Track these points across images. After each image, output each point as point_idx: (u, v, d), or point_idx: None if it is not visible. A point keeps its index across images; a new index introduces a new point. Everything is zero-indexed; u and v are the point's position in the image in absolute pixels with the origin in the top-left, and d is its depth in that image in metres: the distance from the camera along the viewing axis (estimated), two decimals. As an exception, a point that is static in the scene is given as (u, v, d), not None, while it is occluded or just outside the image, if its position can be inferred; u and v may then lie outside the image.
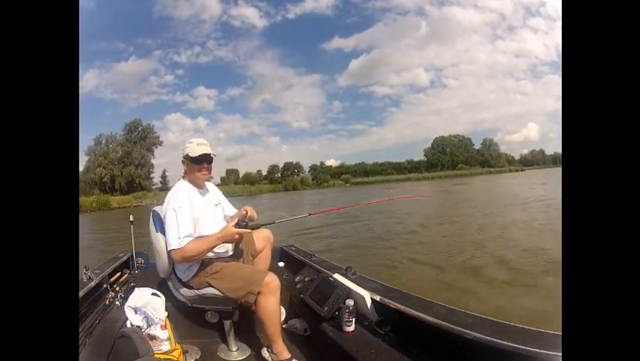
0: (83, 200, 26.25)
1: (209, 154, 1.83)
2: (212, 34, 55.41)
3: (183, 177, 1.89)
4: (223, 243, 1.78)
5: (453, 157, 55.74)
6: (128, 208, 25.38)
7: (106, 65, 51.08)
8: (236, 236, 1.74)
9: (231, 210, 2.04)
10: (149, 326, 1.71)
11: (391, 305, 1.59)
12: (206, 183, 1.97)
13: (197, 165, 1.83)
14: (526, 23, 51.35)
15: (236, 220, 1.75)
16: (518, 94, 60.08)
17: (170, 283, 1.93)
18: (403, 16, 55.07)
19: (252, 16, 53.12)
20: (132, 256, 2.77)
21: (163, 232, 1.84)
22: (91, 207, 25.49)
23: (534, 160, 61.23)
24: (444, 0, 53.94)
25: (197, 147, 1.80)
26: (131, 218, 2.89)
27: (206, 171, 1.86)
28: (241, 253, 1.98)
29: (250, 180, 47.77)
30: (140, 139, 42.35)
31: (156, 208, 1.95)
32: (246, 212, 1.84)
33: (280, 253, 2.89)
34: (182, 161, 1.86)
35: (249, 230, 1.77)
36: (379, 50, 57.70)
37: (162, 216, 1.80)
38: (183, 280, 1.83)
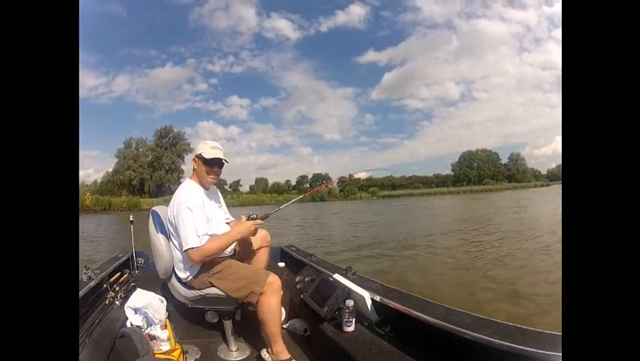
0: (113, 200, 28.16)
1: (222, 159, 1.84)
2: (246, 45, 54.72)
3: (191, 176, 1.89)
4: (242, 237, 1.83)
5: (480, 172, 54.96)
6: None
7: (138, 71, 52.02)
8: (253, 228, 1.81)
9: (229, 216, 2.04)
10: (149, 326, 1.71)
11: (391, 305, 1.59)
12: (211, 186, 1.96)
13: (208, 167, 1.83)
14: (550, 35, 49.68)
15: (245, 218, 1.84)
16: (546, 107, 57.56)
17: (170, 284, 1.91)
18: (432, 30, 54.27)
19: (285, 28, 52.16)
20: (132, 255, 2.76)
21: (164, 233, 1.84)
22: (121, 207, 26.64)
23: (560, 175, 57.83)
24: (471, 13, 52.32)
25: (210, 150, 1.81)
26: (131, 218, 2.87)
27: (215, 175, 1.86)
28: (240, 252, 1.99)
29: (278, 189, 48.33)
30: (170, 145, 43.57)
31: (155, 208, 1.95)
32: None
33: (280, 253, 2.89)
34: (194, 159, 1.85)
35: (261, 220, 1.85)
36: (412, 63, 56.38)
37: (171, 217, 1.76)
38: (184, 281, 1.82)
